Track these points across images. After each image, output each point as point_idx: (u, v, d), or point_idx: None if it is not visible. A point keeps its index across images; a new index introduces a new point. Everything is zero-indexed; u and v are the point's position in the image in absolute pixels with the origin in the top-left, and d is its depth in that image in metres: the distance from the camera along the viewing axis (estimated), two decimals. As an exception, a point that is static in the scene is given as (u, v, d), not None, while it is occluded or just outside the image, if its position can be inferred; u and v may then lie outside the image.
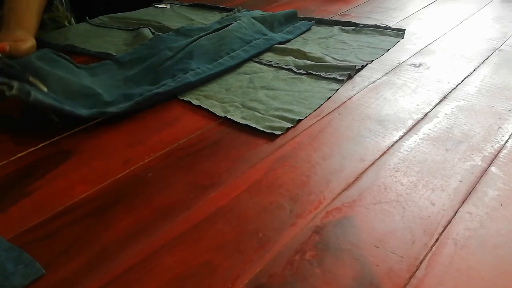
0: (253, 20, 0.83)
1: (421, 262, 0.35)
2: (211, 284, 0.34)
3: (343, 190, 0.44)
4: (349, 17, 0.95)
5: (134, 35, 0.85)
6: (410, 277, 0.34)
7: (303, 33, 0.85)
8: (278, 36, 0.82)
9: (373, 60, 0.73)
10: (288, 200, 0.43)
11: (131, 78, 0.67)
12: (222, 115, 0.57)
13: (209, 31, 0.77)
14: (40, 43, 0.84)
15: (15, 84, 0.52)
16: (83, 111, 0.56)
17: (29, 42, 0.68)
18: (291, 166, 0.48)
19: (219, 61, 0.70)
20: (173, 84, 0.63)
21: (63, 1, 0.96)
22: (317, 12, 1.00)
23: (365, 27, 0.87)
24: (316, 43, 0.80)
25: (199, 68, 0.67)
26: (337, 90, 0.63)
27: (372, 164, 0.48)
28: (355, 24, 0.88)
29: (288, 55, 0.75)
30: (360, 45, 0.79)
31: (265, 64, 0.72)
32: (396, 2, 1.06)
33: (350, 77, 0.67)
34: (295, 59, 0.73)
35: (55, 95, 0.56)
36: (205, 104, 0.60)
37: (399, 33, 0.84)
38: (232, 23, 0.80)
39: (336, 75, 0.67)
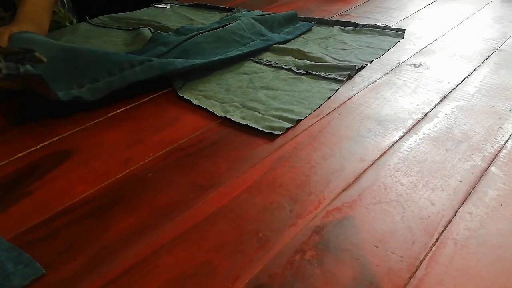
0: (253, 21, 0.83)
1: (421, 262, 0.35)
2: (211, 284, 0.34)
3: (343, 190, 0.44)
4: (349, 17, 0.95)
5: (134, 35, 0.85)
6: (410, 277, 0.34)
7: (303, 33, 0.85)
8: (277, 36, 0.82)
9: (373, 60, 0.73)
10: (288, 200, 0.43)
11: None
12: (222, 115, 0.57)
13: (207, 30, 0.77)
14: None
15: (1, 65, 0.52)
16: (61, 94, 0.56)
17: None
18: (291, 166, 0.48)
19: (212, 59, 0.70)
20: (155, 65, 0.63)
21: (65, 2, 0.97)
22: (317, 12, 1.00)
23: (365, 27, 0.87)
24: (316, 43, 0.80)
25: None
26: (337, 90, 0.63)
27: (372, 164, 0.48)
28: (355, 24, 0.88)
29: (288, 55, 0.75)
30: (360, 45, 0.79)
31: (265, 64, 0.72)
32: (396, 2, 1.06)
33: (350, 77, 0.67)
34: (295, 59, 0.73)
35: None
36: (205, 104, 0.60)
37: (399, 33, 0.84)
38: (231, 23, 0.80)
39: (336, 75, 0.67)
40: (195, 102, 0.61)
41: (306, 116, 0.57)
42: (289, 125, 0.54)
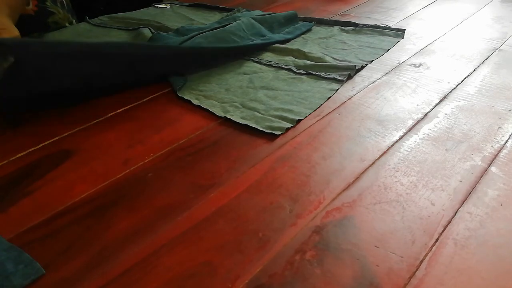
0: (253, 21, 0.83)
1: (421, 262, 0.35)
2: (211, 284, 0.34)
3: (343, 190, 0.44)
4: (349, 17, 0.95)
5: (134, 35, 0.85)
6: (410, 277, 0.34)
7: (303, 33, 0.85)
8: (277, 36, 0.82)
9: (373, 60, 0.73)
10: (288, 200, 0.43)
11: None
12: (222, 115, 0.57)
13: (207, 30, 0.77)
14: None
15: None
16: None
17: (13, 32, 0.64)
18: (291, 166, 0.48)
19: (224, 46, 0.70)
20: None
21: (64, 2, 0.97)
22: (317, 12, 1.00)
23: (365, 27, 0.87)
24: (316, 43, 0.80)
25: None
26: (337, 90, 0.63)
27: (372, 164, 0.48)
28: (355, 24, 0.88)
29: (288, 55, 0.75)
30: (360, 45, 0.79)
31: (265, 64, 0.72)
32: (396, 2, 1.06)
33: (350, 77, 0.67)
34: (295, 59, 0.73)
35: None
36: (205, 104, 0.60)
37: (399, 33, 0.84)
38: (231, 23, 0.80)
39: (336, 75, 0.67)
40: (195, 102, 0.61)
41: (306, 116, 0.57)
42: (289, 125, 0.54)
